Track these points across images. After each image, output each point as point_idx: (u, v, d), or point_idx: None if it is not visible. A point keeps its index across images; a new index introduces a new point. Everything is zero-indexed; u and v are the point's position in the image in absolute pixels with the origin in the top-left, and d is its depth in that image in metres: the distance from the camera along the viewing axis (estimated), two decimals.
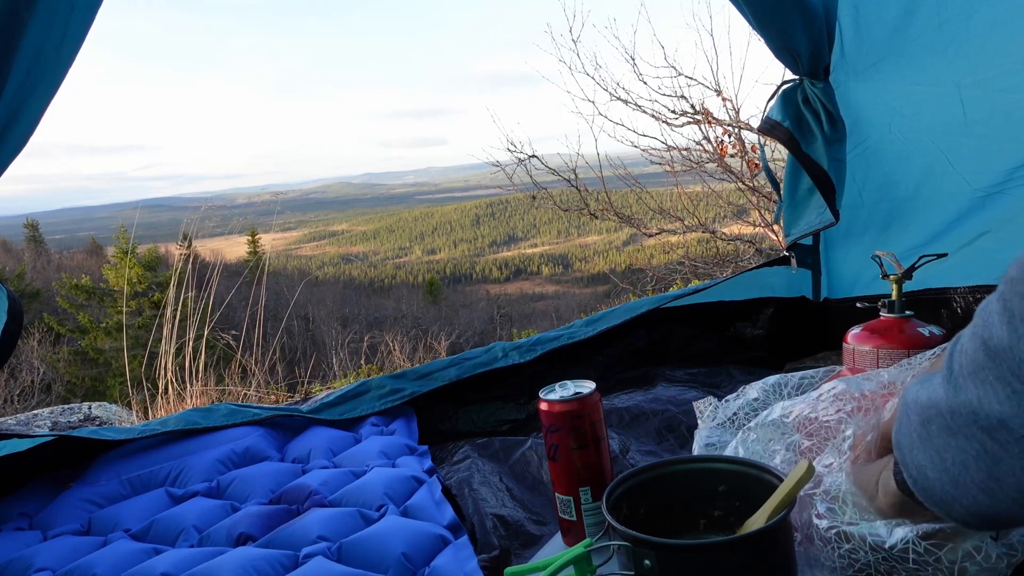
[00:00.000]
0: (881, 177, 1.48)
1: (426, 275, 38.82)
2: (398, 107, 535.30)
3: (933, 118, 1.35)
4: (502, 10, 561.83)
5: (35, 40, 0.94)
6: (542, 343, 1.52)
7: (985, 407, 0.45)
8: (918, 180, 1.42)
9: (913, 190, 1.44)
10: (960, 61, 1.25)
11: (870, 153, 1.47)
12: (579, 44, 5.36)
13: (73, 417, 2.30)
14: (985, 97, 1.24)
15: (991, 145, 1.27)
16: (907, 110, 1.39)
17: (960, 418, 0.47)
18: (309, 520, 1.00)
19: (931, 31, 1.27)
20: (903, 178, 1.45)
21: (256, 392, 3.08)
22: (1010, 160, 1.25)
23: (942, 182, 1.36)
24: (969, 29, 1.22)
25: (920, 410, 0.51)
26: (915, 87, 1.35)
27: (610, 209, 5.63)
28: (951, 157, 1.33)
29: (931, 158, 1.36)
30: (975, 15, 1.21)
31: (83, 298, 13.31)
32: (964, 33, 1.23)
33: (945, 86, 1.28)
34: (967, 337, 0.48)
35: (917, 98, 1.36)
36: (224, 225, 4.57)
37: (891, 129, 1.42)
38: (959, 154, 1.32)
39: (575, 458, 0.87)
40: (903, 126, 1.41)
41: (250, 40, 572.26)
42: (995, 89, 1.22)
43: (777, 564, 0.68)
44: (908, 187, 1.44)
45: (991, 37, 1.20)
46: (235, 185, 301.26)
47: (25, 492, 1.21)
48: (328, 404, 1.43)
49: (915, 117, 1.38)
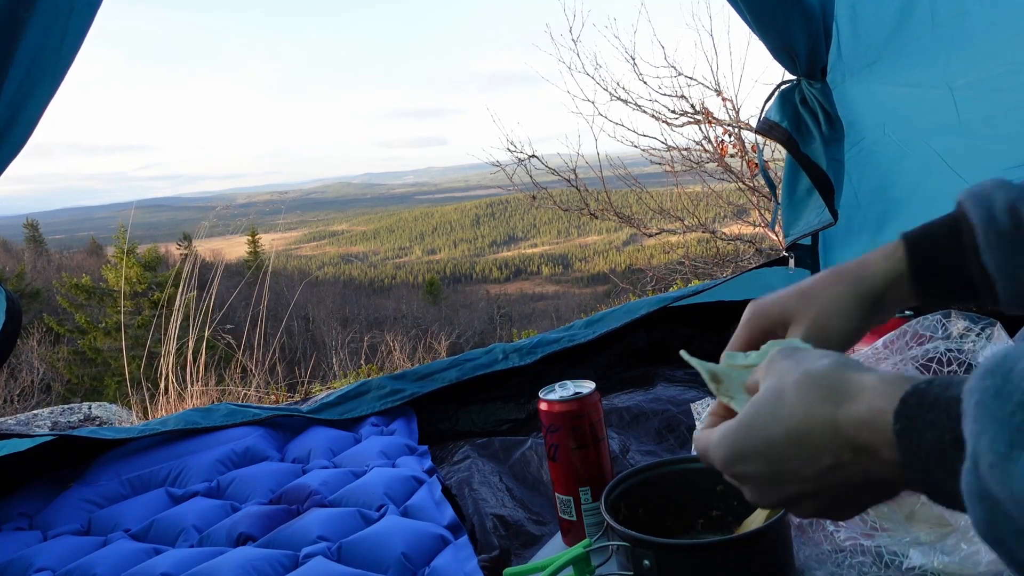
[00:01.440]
0: (877, 178, 1.48)
1: (426, 275, 38.83)
2: (398, 107, 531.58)
3: (927, 119, 1.35)
4: (503, 10, 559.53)
5: (35, 40, 0.94)
6: (542, 345, 1.52)
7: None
8: (913, 181, 1.42)
9: (908, 191, 1.44)
10: (954, 63, 1.25)
11: (866, 154, 1.47)
12: (579, 44, 5.36)
13: (73, 417, 2.30)
14: (979, 99, 1.24)
15: (986, 146, 1.27)
16: (902, 111, 1.39)
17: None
18: (309, 520, 1.00)
19: (926, 32, 1.27)
20: (897, 179, 1.45)
21: (256, 392, 3.09)
22: (1005, 160, 1.25)
23: (937, 183, 1.36)
24: (963, 31, 1.22)
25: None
26: (909, 88, 1.35)
27: (610, 209, 5.63)
28: (946, 158, 1.33)
29: (925, 159, 1.36)
30: (969, 17, 1.20)
31: (83, 298, 13.31)
32: (958, 35, 1.23)
33: (939, 87, 1.28)
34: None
35: (911, 99, 1.36)
36: (224, 225, 4.58)
37: (885, 130, 1.42)
38: (954, 155, 1.32)
39: (575, 458, 0.87)
40: (898, 127, 1.41)
41: (250, 39, 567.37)
42: (989, 90, 1.22)
43: (775, 564, 0.68)
44: (903, 188, 1.44)
45: (984, 39, 1.20)
46: (235, 185, 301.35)
47: (25, 492, 1.21)
48: (328, 404, 1.43)
49: (909, 118, 1.38)
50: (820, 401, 0.45)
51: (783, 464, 0.46)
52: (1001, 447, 0.34)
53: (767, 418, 0.47)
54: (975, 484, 0.36)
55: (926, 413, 0.39)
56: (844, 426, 0.43)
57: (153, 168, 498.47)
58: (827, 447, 0.44)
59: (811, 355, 0.49)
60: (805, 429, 0.45)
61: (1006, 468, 0.34)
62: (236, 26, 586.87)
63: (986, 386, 0.36)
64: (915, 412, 0.40)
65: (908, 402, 0.40)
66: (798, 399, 0.46)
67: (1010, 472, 0.34)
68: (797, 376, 0.47)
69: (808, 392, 0.46)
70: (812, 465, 0.45)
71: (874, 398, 0.42)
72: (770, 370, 0.50)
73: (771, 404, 0.47)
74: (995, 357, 0.37)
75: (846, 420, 0.43)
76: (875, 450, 0.42)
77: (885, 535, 0.67)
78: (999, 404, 0.35)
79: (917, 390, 0.40)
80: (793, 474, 0.46)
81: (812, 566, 0.71)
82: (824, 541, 0.72)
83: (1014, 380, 0.35)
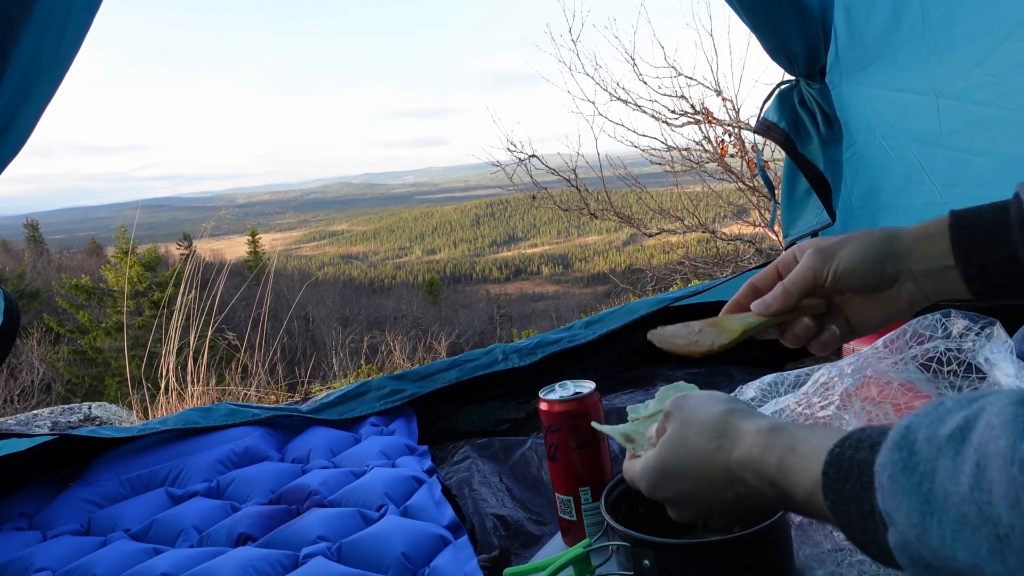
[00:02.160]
0: (867, 182, 1.48)
1: (426, 275, 38.82)
2: (399, 107, 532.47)
3: (913, 126, 1.34)
4: (504, 10, 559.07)
5: (31, 42, 0.94)
6: (542, 346, 1.52)
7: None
8: (897, 188, 1.41)
9: (892, 198, 1.43)
10: (940, 69, 1.25)
11: (859, 157, 1.47)
12: (579, 44, 5.37)
13: (73, 417, 2.30)
14: (960, 108, 1.24)
15: (963, 158, 1.26)
16: (891, 116, 1.38)
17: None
18: (309, 520, 1.00)
19: (916, 37, 1.26)
20: (884, 185, 1.44)
21: (256, 392, 3.09)
22: (983, 175, 1.23)
23: (917, 191, 1.35)
24: (951, 37, 1.21)
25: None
26: (898, 93, 1.34)
27: (610, 209, 5.63)
28: (925, 167, 1.33)
29: (908, 167, 1.36)
30: (956, 23, 1.20)
31: (83, 298, 13.31)
32: (946, 41, 1.22)
33: (925, 94, 1.28)
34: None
35: (900, 104, 1.35)
36: (224, 226, 4.59)
37: (876, 134, 1.42)
38: (932, 164, 1.31)
39: (575, 458, 0.87)
40: (887, 132, 1.40)
41: (250, 39, 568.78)
42: (970, 101, 1.21)
43: (775, 563, 0.68)
44: (888, 195, 1.44)
45: (970, 47, 1.19)
46: (235, 185, 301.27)
47: (25, 492, 1.21)
48: (328, 404, 1.43)
49: (897, 123, 1.38)
50: (715, 449, 0.56)
51: (692, 495, 0.59)
52: (915, 519, 0.38)
53: (676, 462, 0.59)
54: (915, 555, 0.39)
55: (844, 483, 0.44)
56: (736, 469, 0.55)
57: (153, 168, 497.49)
58: (727, 484, 0.56)
59: (702, 401, 0.61)
60: (708, 472, 0.57)
61: (926, 540, 0.37)
62: (236, 26, 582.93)
63: (895, 460, 0.40)
64: (836, 484, 0.45)
65: (828, 474, 0.45)
66: (699, 447, 0.57)
67: (929, 543, 0.37)
68: (696, 428, 0.58)
69: (707, 441, 0.57)
70: (717, 497, 0.57)
71: (750, 447, 0.53)
72: (671, 418, 0.61)
73: (677, 451, 0.59)
74: (899, 429, 0.41)
75: (736, 465, 0.54)
76: (759, 488, 0.53)
77: None
78: (907, 477, 0.39)
79: (834, 459, 0.45)
80: (702, 501, 0.59)
81: (812, 565, 0.71)
82: (824, 540, 0.72)
83: (918, 452, 0.39)
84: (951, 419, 0.39)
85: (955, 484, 0.36)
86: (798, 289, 0.66)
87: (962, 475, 0.36)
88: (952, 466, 0.37)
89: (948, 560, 0.37)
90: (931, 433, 0.39)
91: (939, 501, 0.37)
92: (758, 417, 0.56)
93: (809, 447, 0.49)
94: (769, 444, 0.52)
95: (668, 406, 0.62)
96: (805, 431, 0.51)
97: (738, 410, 0.58)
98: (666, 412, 0.62)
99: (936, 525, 0.37)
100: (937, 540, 0.37)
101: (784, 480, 0.50)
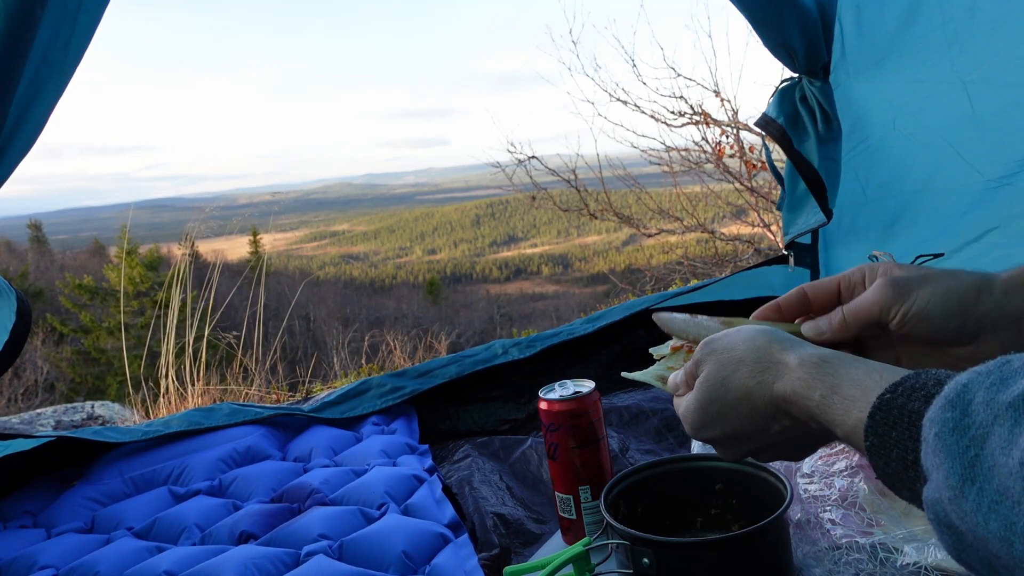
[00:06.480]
0: (886, 173, 1.48)
1: (426, 275, 38.81)
2: (400, 107, 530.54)
3: (939, 113, 1.36)
4: (505, 11, 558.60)
5: (44, 38, 0.95)
6: (541, 340, 1.52)
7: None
8: (926, 174, 1.43)
9: (921, 183, 1.44)
10: (964, 58, 1.26)
11: (873, 151, 1.48)
12: (579, 45, 5.37)
13: (76, 416, 2.31)
14: (992, 91, 1.25)
15: (1001, 137, 1.28)
16: (911, 107, 1.40)
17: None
18: (310, 518, 1.01)
19: (934, 30, 1.28)
20: (909, 173, 1.45)
21: (257, 391, 3.09)
22: (1020, 152, 1.25)
23: (952, 174, 1.36)
24: (972, 27, 1.23)
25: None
26: (919, 84, 1.36)
27: (610, 209, 5.64)
28: (960, 149, 1.33)
29: (938, 152, 1.37)
30: (977, 13, 1.22)
31: (86, 298, 13.32)
32: (968, 31, 1.24)
33: (950, 83, 1.29)
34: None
35: (921, 95, 1.37)
36: (226, 225, 4.59)
37: (895, 126, 1.43)
38: (968, 146, 1.33)
39: (575, 457, 0.87)
40: (908, 122, 1.41)
41: (252, 40, 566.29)
42: (1002, 84, 1.23)
43: (773, 562, 0.69)
44: (916, 181, 1.45)
45: (995, 34, 1.21)
46: (237, 185, 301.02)
47: (29, 490, 1.22)
48: (329, 403, 1.44)
49: (920, 113, 1.39)
50: (756, 385, 0.54)
51: (739, 431, 0.56)
52: (954, 481, 0.36)
53: (717, 402, 0.56)
54: (941, 514, 0.38)
55: (891, 430, 0.42)
56: (779, 403, 0.52)
57: (156, 168, 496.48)
58: (771, 419, 0.54)
59: (740, 338, 0.57)
60: (751, 409, 0.54)
61: (959, 504, 0.36)
62: (239, 27, 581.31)
63: (945, 418, 0.38)
64: (882, 429, 0.43)
65: (875, 417, 0.43)
66: (739, 385, 0.55)
67: (962, 507, 0.36)
68: (735, 365, 0.55)
69: (747, 378, 0.54)
70: (763, 430, 0.55)
71: (793, 382, 0.51)
72: (703, 363, 0.58)
73: (716, 392, 0.56)
74: (956, 387, 0.38)
75: (780, 399, 0.52)
76: (804, 421, 0.51)
77: (881, 532, 0.67)
78: (956, 439, 0.37)
79: (883, 404, 0.43)
80: (748, 437, 0.56)
81: (810, 563, 0.71)
82: (821, 539, 0.73)
83: (972, 414, 0.36)
84: (1016, 383, 0.35)
85: (1005, 456, 0.34)
86: (859, 322, 0.58)
87: (1015, 448, 0.33)
88: (1008, 436, 0.34)
89: (976, 527, 0.35)
90: (991, 396, 0.36)
91: (984, 470, 0.35)
92: (800, 346, 0.53)
93: (855, 387, 0.46)
94: (812, 379, 0.49)
95: (698, 353, 0.59)
96: (851, 368, 0.48)
97: (778, 339, 0.54)
98: (696, 360, 0.59)
99: (976, 493, 0.35)
100: (972, 506, 0.35)
101: (824, 416, 0.48)
